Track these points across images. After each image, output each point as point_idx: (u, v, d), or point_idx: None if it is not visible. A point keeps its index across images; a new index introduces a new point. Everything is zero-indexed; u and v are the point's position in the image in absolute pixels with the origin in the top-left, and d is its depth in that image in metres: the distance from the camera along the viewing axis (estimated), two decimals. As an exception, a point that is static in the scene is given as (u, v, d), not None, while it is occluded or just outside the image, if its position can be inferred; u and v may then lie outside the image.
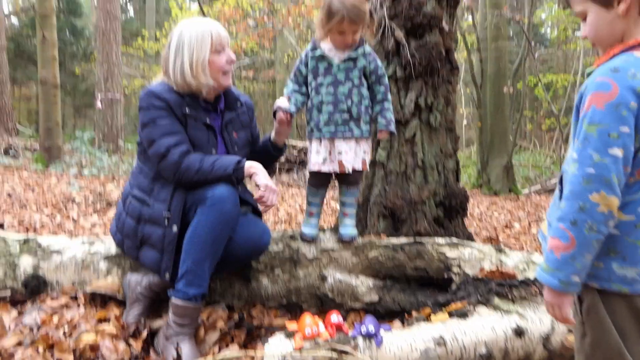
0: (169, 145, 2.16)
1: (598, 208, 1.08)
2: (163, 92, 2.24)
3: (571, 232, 1.11)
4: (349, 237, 2.51)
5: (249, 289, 2.46)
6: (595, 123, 1.09)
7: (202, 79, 2.24)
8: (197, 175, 2.14)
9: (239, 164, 2.16)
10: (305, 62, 2.47)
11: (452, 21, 3.44)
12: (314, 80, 2.45)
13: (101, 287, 2.38)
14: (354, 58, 2.42)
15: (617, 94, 1.07)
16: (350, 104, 2.41)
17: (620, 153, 1.07)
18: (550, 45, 22.51)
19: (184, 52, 2.23)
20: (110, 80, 11.34)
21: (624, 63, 1.10)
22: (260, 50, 16.45)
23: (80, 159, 9.10)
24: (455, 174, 3.35)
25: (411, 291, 2.35)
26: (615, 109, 1.07)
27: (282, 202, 6.96)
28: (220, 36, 2.28)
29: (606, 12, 1.17)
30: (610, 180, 1.08)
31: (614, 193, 1.08)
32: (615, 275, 1.15)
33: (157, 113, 2.21)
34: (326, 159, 2.43)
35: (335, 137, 2.41)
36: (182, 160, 2.14)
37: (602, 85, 1.09)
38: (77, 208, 5.15)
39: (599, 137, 1.08)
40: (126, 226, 2.32)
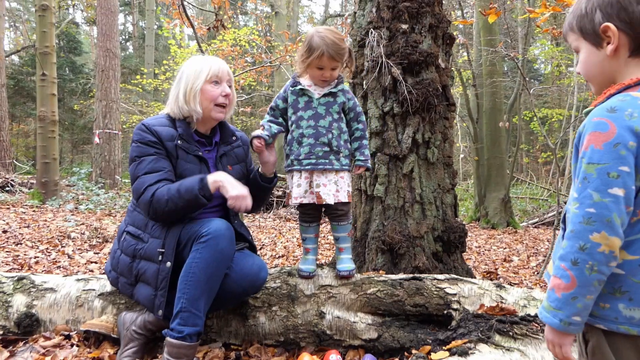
0: (148, 183, 2.19)
1: (599, 248, 1.07)
2: (157, 125, 2.32)
3: (572, 272, 1.10)
4: (347, 271, 2.48)
5: (246, 327, 2.41)
6: (595, 163, 1.08)
7: (191, 104, 2.32)
8: (169, 205, 2.15)
9: (202, 181, 2.17)
10: (284, 97, 2.54)
11: (448, 58, 3.50)
12: (294, 114, 2.50)
13: (95, 326, 2.34)
14: (333, 93, 2.49)
15: (615, 133, 1.07)
16: (330, 137, 2.46)
17: (621, 193, 1.06)
18: (544, 81, 22.86)
19: (182, 81, 2.35)
20: (108, 116, 11.43)
21: (620, 103, 1.10)
22: (258, 86, 16.67)
23: (77, 194, 9.08)
24: (453, 209, 3.35)
25: (411, 328, 2.31)
26: (613, 148, 1.06)
27: (280, 236, 6.93)
28: (219, 69, 2.35)
29: (596, 51, 1.19)
30: (612, 220, 1.06)
31: (615, 233, 1.06)
32: (622, 316, 1.13)
33: (144, 149, 2.27)
34: (307, 191, 2.47)
35: (315, 169, 2.44)
36: (152, 197, 2.16)
37: (600, 125, 1.09)
38: (73, 244, 5.11)
39: (599, 177, 1.08)
40: (121, 263, 2.30)
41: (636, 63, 1.16)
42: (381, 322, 2.35)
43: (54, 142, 9.03)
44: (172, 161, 2.29)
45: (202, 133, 2.46)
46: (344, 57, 2.41)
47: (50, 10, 8.97)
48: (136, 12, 25.04)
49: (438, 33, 3.37)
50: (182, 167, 2.30)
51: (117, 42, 11.85)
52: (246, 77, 8.34)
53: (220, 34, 9.16)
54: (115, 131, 11.47)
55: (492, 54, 9.57)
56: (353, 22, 3.57)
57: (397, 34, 3.26)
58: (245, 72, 7.98)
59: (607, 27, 1.14)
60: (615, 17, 1.14)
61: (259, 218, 9.14)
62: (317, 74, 2.43)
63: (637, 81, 1.13)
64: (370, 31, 3.30)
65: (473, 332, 2.10)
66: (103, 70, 11.45)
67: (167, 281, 2.15)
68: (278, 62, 8.14)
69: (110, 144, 11.46)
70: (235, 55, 9.34)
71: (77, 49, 19.64)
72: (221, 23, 5.08)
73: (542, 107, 20.80)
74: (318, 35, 2.37)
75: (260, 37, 11.88)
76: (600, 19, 1.15)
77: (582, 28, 1.20)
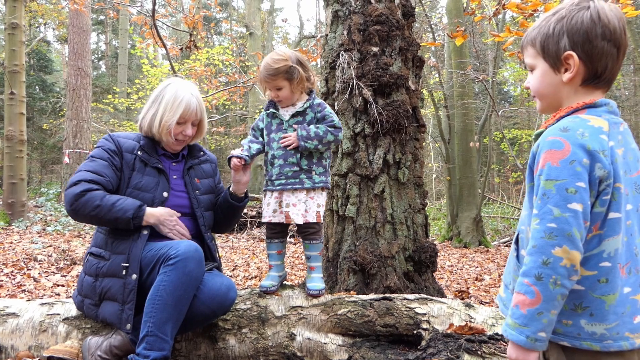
0: (84, 179, 2.23)
1: (561, 262, 1.09)
2: (121, 137, 2.41)
3: (536, 287, 1.11)
4: (317, 290, 2.49)
5: (216, 350, 2.38)
6: (553, 179, 1.12)
7: (164, 137, 2.42)
8: (95, 211, 2.17)
9: (139, 209, 2.22)
10: (262, 118, 2.63)
11: (418, 80, 3.57)
12: (267, 136, 2.57)
13: (59, 352, 2.27)
14: (300, 112, 2.52)
15: (570, 151, 1.11)
16: (299, 157, 2.49)
17: (579, 208, 1.10)
18: (514, 102, 23.40)
19: (160, 107, 2.40)
20: (79, 135, 11.26)
21: (572, 123, 1.15)
22: (232, 105, 16.67)
23: (45, 216, 8.88)
24: (424, 229, 3.38)
25: (381, 349, 2.31)
26: (570, 165, 1.10)
27: (253, 257, 6.87)
28: (189, 112, 2.41)
29: (553, 74, 1.23)
30: (572, 234, 1.09)
31: (576, 247, 1.09)
32: (584, 332, 1.15)
33: (100, 153, 2.34)
34: (276, 210, 2.51)
35: (284, 189, 2.48)
36: (83, 193, 2.18)
37: (555, 144, 1.13)
38: (39, 267, 4.97)
39: (558, 193, 1.11)
40: (85, 284, 2.27)
41: (584, 90, 1.22)
42: (352, 342, 2.34)
43: (22, 162, 8.84)
44: (126, 174, 2.33)
45: (168, 151, 2.53)
46: (279, 75, 2.42)
47: (20, 28, 8.86)
48: (109, 31, 24.89)
49: (408, 56, 3.43)
50: (138, 179, 2.33)
51: (89, 61, 11.73)
52: (219, 97, 8.33)
53: (194, 53, 9.18)
54: (86, 151, 11.29)
55: (461, 76, 9.78)
56: (325, 44, 3.61)
57: (367, 56, 3.32)
58: (218, 92, 7.98)
59: (570, 55, 1.19)
60: (580, 47, 1.18)
61: (232, 238, 9.06)
62: (272, 96, 2.52)
63: (584, 105, 1.20)
64: (341, 53, 3.35)
65: (442, 351, 2.11)
66: (74, 89, 11.30)
67: (134, 294, 2.12)
68: (251, 83, 8.17)
69: (81, 163, 11.29)
70: (208, 75, 9.34)
71: (47, 67, 19.35)
72: (194, 43, 5.09)
73: (512, 128, 21.28)
74: (262, 65, 2.51)
75: (234, 57, 11.91)
76: (566, 46, 1.19)
77: (544, 48, 1.24)
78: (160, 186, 2.36)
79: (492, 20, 4.29)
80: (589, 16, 1.17)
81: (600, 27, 1.17)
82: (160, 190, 2.35)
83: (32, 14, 16.47)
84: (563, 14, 1.21)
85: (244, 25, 17.36)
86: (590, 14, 1.18)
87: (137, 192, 2.31)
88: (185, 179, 2.48)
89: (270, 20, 23.18)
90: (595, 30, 1.17)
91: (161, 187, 2.36)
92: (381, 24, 3.32)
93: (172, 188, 2.41)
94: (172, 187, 2.41)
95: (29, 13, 15.78)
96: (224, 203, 2.58)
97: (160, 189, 2.35)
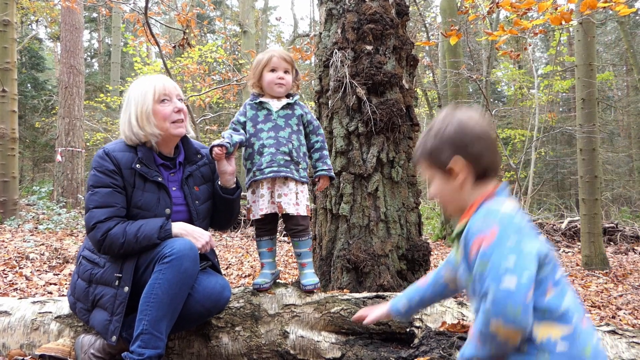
0: (98, 220, 2.16)
1: (497, 337, 1.16)
2: (116, 151, 2.27)
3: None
4: (312, 285, 2.50)
5: (209, 348, 2.38)
6: (486, 261, 1.19)
7: (147, 128, 2.28)
8: (124, 248, 2.13)
9: (161, 229, 2.15)
10: (244, 111, 2.61)
11: (411, 79, 3.58)
12: (253, 128, 2.55)
13: (51, 350, 2.26)
14: (290, 105, 2.58)
15: (497, 232, 1.21)
16: (291, 147, 2.52)
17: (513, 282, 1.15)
18: (508, 102, 23.49)
19: (131, 106, 2.31)
20: (71, 133, 11.18)
21: (486, 211, 1.29)
22: (226, 104, 16.64)
23: (37, 214, 8.83)
24: (417, 227, 3.39)
25: (374, 346, 2.32)
26: (500, 243, 1.19)
27: (247, 255, 6.87)
28: (164, 87, 2.32)
29: (449, 181, 1.38)
30: (505, 311, 1.14)
31: (513, 323, 1.13)
32: None
33: (101, 179, 2.22)
34: (269, 201, 2.50)
35: (277, 176, 2.47)
36: (104, 237, 2.13)
37: (481, 230, 1.24)
38: (32, 265, 4.94)
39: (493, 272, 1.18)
40: (77, 288, 2.26)
41: (480, 185, 1.37)
42: (345, 340, 2.35)
43: (14, 160, 8.77)
44: (129, 191, 2.24)
45: (166, 155, 2.41)
46: (291, 62, 2.58)
47: (12, 25, 8.79)
48: (102, 28, 24.77)
49: (402, 54, 3.44)
50: (138, 198, 2.24)
51: (81, 59, 11.66)
52: (213, 95, 8.30)
53: (186, 51, 9.14)
54: (78, 149, 11.23)
55: (455, 75, 9.81)
56: (319, 43, 3.61)
57: (361, 54, 3.32)
58: (211, 90, 7.96)
59: (455, 161, 1.35)
60: (461, 152, 1.34)
61: (226, 237, 9.04)
62: (272, 78, 2.54)
63: (487, 196, 1.34)
64: (335, 51, 3.35)
65: (435, 349, 2.12)
66: (66, 87, 11.23)
67: (124, 306, 2.10)
68: (245, 81, 8.16)
69: (73, 162, 11.21)
70: (201, 74, 9.31)
71: (39, 65, 19.20)
72: (187, 41, 5.07)
73: (505, 127, 21.35)
74: (259, 56, 2.61)
75: (227, 55, 11.88)
76: (449, 155, 1.35)
77: (433, 161, 1.39)
78: (162, 203, 2.28)
79: (485, 20, 4.31)
80: (456, 126, 1.35)
81: (469, 132, 1.34)
82: (161, 207, 2.27)
83: (24, 11, 16.37)
84: (435, 129, 1.38)
85: (237, 23, 17.32)
86: (456, 123, 1.35)
87: (138, 210, 2.23)
88: (184, 189, 2.39)
89: (264, 18, 23.15)
90: (466, 136, 1.34)
91: (162, 203, 2.28)
92: (375, 23, 3.32)
93: (173, 203, 2.33)
94: (173, 201, 2.33)
95: (21, 10, 15.68)
96: (218, 199, 2.51)
97: (162, 206, 2.28)
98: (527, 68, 19.58)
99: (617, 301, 4.74)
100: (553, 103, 20.22)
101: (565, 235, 10.77)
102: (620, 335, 2.13)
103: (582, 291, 5.23)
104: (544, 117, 13.81)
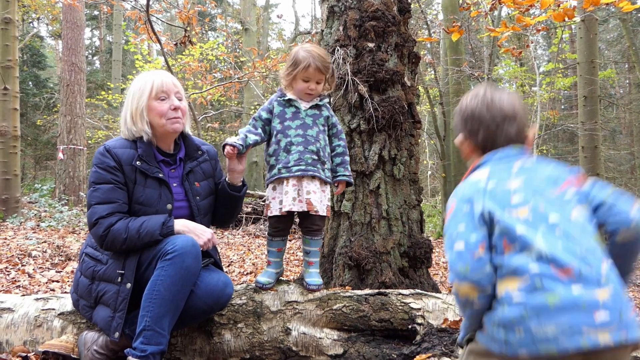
0: (100, 215, 2.16)
1: (458, 296, 1.32)
2: (118, 148, 2.28)
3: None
4: (316, 285, 2.49)
5: (211, 344, 2.38)
6: (445, 234, 1.35)
7: (139, 124, 2.29)
8: (126, 244, 2.13)
9: (164, 226, 2.16)
10: (269, 108, 2.56)
11: (413, 77, 3.57)
12: (280, 124, 2.51)
13: (54, 347, 2.27)
14: (319, 106, 2.57)
15: (454, 206, 1.36)
16: (318, 146, 2.51)
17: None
18: (508, 99, 23.38)
19: (129, 102, 2.32)
20: (73, 131, 11.19)
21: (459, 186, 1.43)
22: (228, 102, 16.63)
23: (39, 212, 8.84)
24: (419, 225, 3.39)
25: (376, 343, 2.32)
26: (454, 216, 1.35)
27: (249, 253, 6.87)
28: (162, 84, 2.32)
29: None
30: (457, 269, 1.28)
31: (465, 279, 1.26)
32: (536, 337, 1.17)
33: (102, 175, 2.22)
34: (295, 199, 2.44)
35: (305, 174, 2.45)
36: (106, 233, 2.13)
37: (449, 206, 1.40)
38: (34, 262, 4.96)
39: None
40: (80, 285, 2.26)
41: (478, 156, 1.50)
42: (347, 337, 2.35)
43: (16, 157, 8.79)
44: (130, 187, 2.24)
45: (165, 151, 2.41)
46: (329, 70, 2.52)
47: (13, 23, 8.80)
48: (104, 26, 24.76)
49: (404, 52, 3.44)
50: (139, 194, 2.24)
51: (83, 57, 11.66)
52: (214, 93, 8.29)
53: (188, 49, 9.13)
54: (80, 147, 11.24)
55: (457, 73, 9.80)
56: (320, 40, 3.61)
57: (363, 52, 3.32)
58: (213, 87, 7.96)
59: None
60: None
61: (228, 235, 9.05)
62: (302, 87, 2.50)
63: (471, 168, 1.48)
64: (337, 49, 3.35)
65: (437, 346, 2.12)
66: (68, 85, 11.24)
67: (126, 303, 2.11)
68: (246, 78, 8.15)
69: (75, 159, 11.22)
70: (202, 71, 9.31)
71: (41, 63, 19.20)
72: (188, 39, 5.07)
73: (506, 125, 21.25)
74: (304, 50, 2.47)
75: (228, 53, 11.86)
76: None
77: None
78: (163, 199, 2.28)
79: (488, 17, 4.31)
80: (459, 105, 1.54)
81: (465, 110, 1.51)
82: (163, 203, 2.28)
83: (25, 8, 16.35)
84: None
85: (239, 21, 17.31)
86: (460, 103, 1.54)
87: (140, 206, 2.24)
88: (184, 185, 2.39)
89: (265, 16, 23.12)
90: (463, 114, 1.51)
91: (164, 199, 2.28)
92: (377, 20, 3.32)
93: (174, 199, 2.34)
94: (174, 197, 2.34)
95: (22, 8, 15.66)
96: (222, 195, 2.51)
97: (163, 202, 2.28)
98: (528, 65, 19.55)
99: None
100: (555, 101, 20.21)
101: (567, 233, 10.76)
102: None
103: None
104: (545, 114, 13.79)
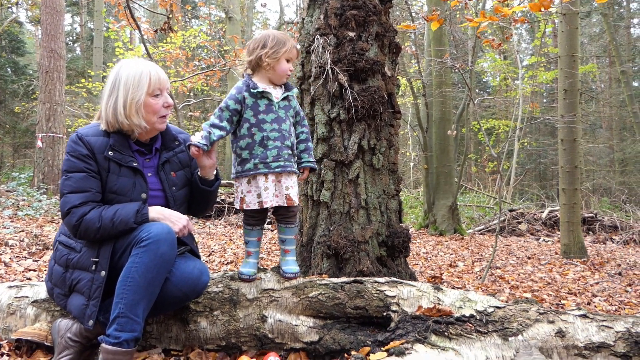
0: (73, 204, 2.14)
1: None
2: (89, 136, 2.23)
3: None
4: (293, 273, 2.50)
5: (187, 332, 2.38)
6: None
7: (134, 119, 2.24)
8: (100, 232, 2.12)
9: (138, 214, 2.14)
10: (239, 99, 2.47)
11: (394, 67, 3.58)
12: (254, 117, 2.47)
13: (28, 334, 2.25)
14: (289, 97, 2.57)
15: None
16: (292, 140, 2.55)
17: None
18: (493, 93, 23.62)
19: (120, 90, 2.23)
20: (52, 119, 11.02)
21: None
22: (211, 91, 16.51)
23: (16, 200, 8.71)
24: (397, 214, 3.41)
25: (351, 330, 2.34)
26: None
27: (230, 243, 6.86)
28: (159, 79, 2.27)
29: None
30: None
31: None
32: None
33: (75, 164, 2.19)
34: (273, 194, 2.46)
35: (284, 171, 2.46)
36: (80, 222, 2.12)
37: None
38: (11, 251, 4.89)
39: None
40: (54, 274, 2.24)
41: None
42: (322, 324, 2.37)
43: (-7, 145, 8.64)
44: (103, 176, 2.21)
45: (142, 141, 2.38)
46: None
47: (-9, 7, 8.61)
48: (84, 12, 24.34)
49: (385, 42, 3.44)
50: (113, 183, 2.21)
51: (62, 43, 11.45)
52: (195, 81, 8.21)
53: (168, 36, 9.02)
54: (59, 135, 11.07)
55: (439, 64, 9.83)
56: (301, 29, 3.60)
57: (344, 41, 3.31)
58: (194, 75, 7.88)
59: None
60: None
61: (210, 225, 9.02)
62: (286, 67, 2.51)
63: None
64: (317, 37, 3.34)
65: (411, 332, 2.15)
66: (47, 72, 11.05)
67: (100, 291, 2.10)
68: (228, 67, 8.09)
69: (54, 148, 11.06)
70: (184, 59, 9.21)
71: (20, 49, 18.80)
72: (169, 26, 5.01)
73: (490, 118, 21.49)
74: (276, 33, 2.51)
75: (210, 41, 11.75)
76: None
77: None
78: (137, 188, 2.25)
79: (471, 9, 4.32)
80: None
81: None
82: (137, 192, 2.25)
83: (3, -7, 16.01)
84: None
85: (222, 9, 17.12)
86: None
87: (114, 195, 2.21)
88: (160, 175, 2.37)
89: (249, 4, 22.92)
90: None
91: (138, 188, 2.25)
92: (358, 9, 3.31)
93: (149, 188, 2.31)
94: (149, 186, 2.31)
95: (1, -8, 15.33)
96: (195, 189, 2.50)
97: (138, 191, 2.25)
98: (512, 59, 19.69)
99: (593, 288, 4.83)
100: (537, 94, 20.40)
101: (546, 225, 10.94)
102: (591, 319, 2.18)
103: (559, 279, 5.32)
104: (527, 107, 13.92)
